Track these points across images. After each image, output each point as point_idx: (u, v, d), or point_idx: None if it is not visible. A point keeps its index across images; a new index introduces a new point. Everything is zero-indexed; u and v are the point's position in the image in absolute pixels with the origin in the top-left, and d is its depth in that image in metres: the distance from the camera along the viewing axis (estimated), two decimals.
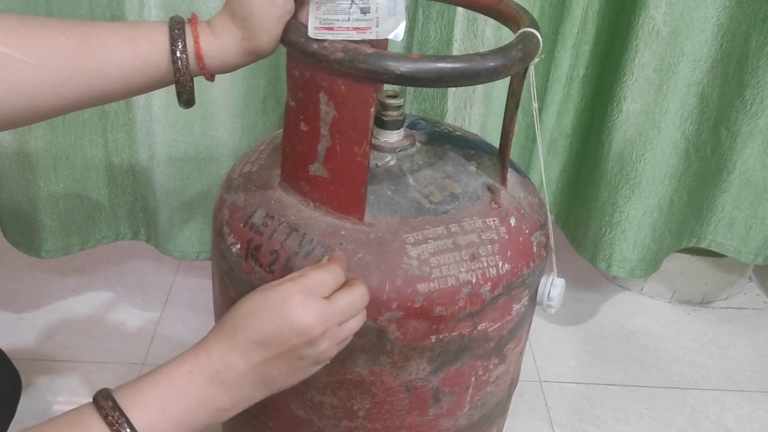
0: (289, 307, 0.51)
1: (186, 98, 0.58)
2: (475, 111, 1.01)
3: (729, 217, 1.16)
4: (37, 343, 1.18)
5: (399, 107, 0.70)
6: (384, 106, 0.70)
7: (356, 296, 0.55)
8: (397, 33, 0.55)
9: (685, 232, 1.18)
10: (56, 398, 1.09)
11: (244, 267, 0.66)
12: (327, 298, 0.53)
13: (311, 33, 0.56)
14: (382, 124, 0.71)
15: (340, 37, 0.56)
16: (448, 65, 0.56)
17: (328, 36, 0.56)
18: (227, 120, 1.02)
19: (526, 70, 0.65)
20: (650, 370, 1.21)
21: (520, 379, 0.86)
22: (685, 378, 1.20)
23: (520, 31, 0.62)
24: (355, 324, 0.55)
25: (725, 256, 1.23)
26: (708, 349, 1.27)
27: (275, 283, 0.53)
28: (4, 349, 0.83)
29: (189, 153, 1.04)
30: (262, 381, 0.53)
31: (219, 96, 0.99)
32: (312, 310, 0.51)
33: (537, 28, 0.62)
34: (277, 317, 0.51)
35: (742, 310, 1.37)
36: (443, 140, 0.76)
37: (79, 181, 1.05)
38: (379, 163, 0.70)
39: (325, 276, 0.54)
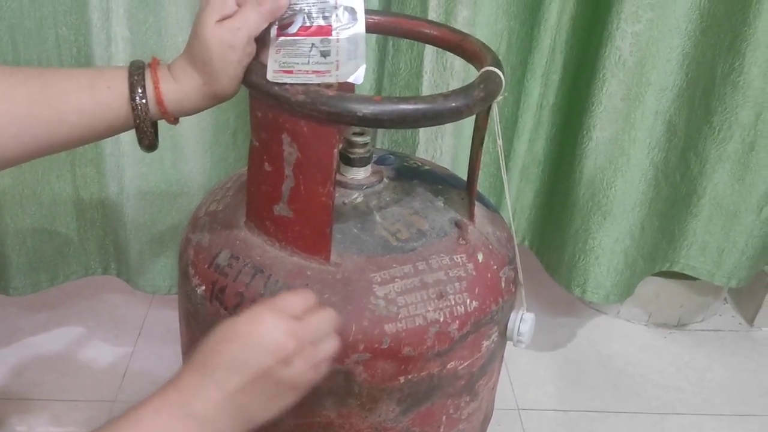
0: (259, 325, 0.51)
1: (147, 143, 0.58)
2: (446, 142, 1.02)
3: (701, 241, 1.16)
4: (6, 381, 1.15)
5: (365, 144, 0.70)
6: (350, 144, 0.70)
7: (325, 316, 0.54)
8: (357, 76, 0.54)
9: (658, 256, 1.19)
10: None
11: (209, 309, 0.66)
12: (297, 318, 0.52)
13: (270, 76, 0.56)
14: (348, 161, 0.70)
15: (300, 81, 0.55)
16: (410, 107, 0.56)
17: (288, 79, 0.55)
18: (197, 153, 1.01)
19: (490, 107, 0.65)
20: (628, 395, 1.21)
21: (497, 407, 0.85)
22: (662, 402, 1.20)
23: (483, 69, 0.62)
24: (329, 347, 0.54)
25: (699, 279, 1.23)
26: (684, 372, 1.27)
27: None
28: None
29: (159, 187, 1.03)
30: (239, 413, 0.50)
31: (189, 130, 0.99)
32: (282, 325, 0.51)
33: (500, 67, 0.62)
34: (247, 337, 0.50)
35: (717, 333, 1.37)
36: (411, 175, 0.76)
37: (47, 216, 1.04)
38: (346, 201, 0.70)
39: (294, 297, 0.54)
